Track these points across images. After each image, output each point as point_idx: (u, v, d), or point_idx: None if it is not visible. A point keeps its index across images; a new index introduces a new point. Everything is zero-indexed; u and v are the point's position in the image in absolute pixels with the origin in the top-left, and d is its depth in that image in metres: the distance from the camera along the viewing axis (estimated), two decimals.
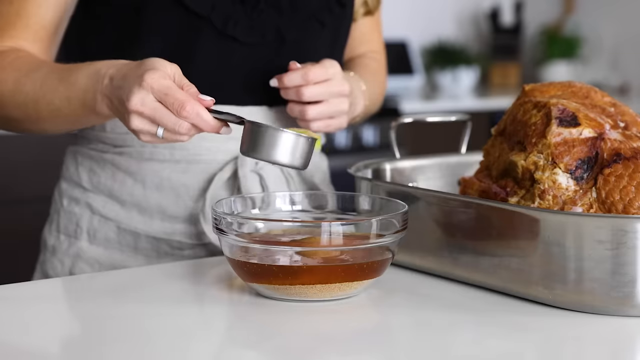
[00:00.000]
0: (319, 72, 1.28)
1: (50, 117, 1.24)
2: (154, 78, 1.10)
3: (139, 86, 1.10)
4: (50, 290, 1.19)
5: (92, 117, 1.22)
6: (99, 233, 1.38)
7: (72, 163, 1.41)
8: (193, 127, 1.11)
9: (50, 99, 1.23)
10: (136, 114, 1.11)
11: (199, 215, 1.34)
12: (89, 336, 1.01)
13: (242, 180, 1.34)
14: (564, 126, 1.14)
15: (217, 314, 1.10)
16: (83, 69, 1.20)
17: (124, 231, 1.37)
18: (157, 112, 1.10)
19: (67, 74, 1.22)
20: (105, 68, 1.17)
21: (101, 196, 1.38)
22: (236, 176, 1.35)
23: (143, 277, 1.22)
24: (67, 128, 1.29)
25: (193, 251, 1.37)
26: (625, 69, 4.39)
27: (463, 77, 4.13)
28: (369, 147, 3.46)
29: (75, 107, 1.21)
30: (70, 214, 1.40)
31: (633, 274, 1.02)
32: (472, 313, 1.08)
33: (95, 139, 1.39)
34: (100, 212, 1.38)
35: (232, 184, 1.36)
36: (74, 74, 1.21)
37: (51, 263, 1.40)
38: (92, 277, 1.27)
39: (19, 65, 1.26)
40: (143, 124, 1.11)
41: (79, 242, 1.38)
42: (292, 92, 1.29)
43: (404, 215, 1.11)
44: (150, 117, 1.10)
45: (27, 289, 1.17)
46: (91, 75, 1.18)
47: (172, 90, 1.10)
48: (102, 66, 1.18)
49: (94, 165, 1.39)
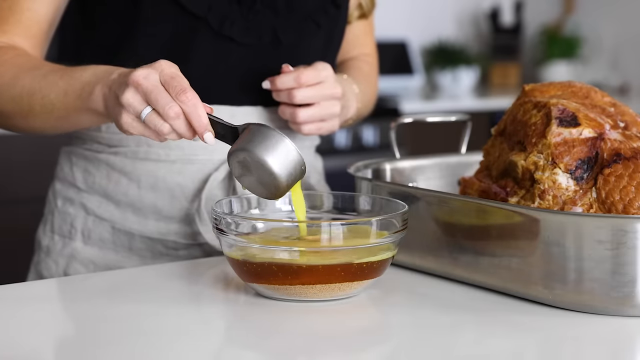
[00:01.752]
0: (311, 74, 1.28)
1: (42, 112, 1.24)
2: (169, 64, 1.11)
3: (151, 66, 1.10)
4: (44, 291, 1.19)
5: (82, 115, 1.21)
6: (93, 233, 1.37)
7: (67, 163, 1.41)
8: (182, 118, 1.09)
9: (47, 92, 1.22)
10: (133, 87, 1.09)
11: (195, 216, 1.34)
12: (85, 337, 1.01)
13: None
14: (564, 126, 1.14)
15: (216, 314, 1.10)
16: (93, 67, 1.20)
17: (119, 231, 1.37)
18: (155, 89, 1.08)
19: (72, 71, 1.22)
20: (120, 69, 1.17)
21: (96, 196, 1.37)
22: (231, 176, 1.35)
23: (140, 277, 1.22)
24: (55, 127, 1.27)
25: (188, 251, 1.37)
26: (625, 69, 4.39)
27: (463, 77, 4.13)
28: (369, 147, 3.46)
29: (69, 100, 1.20)
30: (65, 214, 1.39)
31: (633, 274, 1.02)
32: (472, 313, 1.08)
33: (90, 139, 1.38)
34: (94, 212, 1.37)
35: (228, 184, 1.36)
36: (79, 71, 1.21)
37: (45, 264, 1.40)
38: (89, 277, 1.26)
39: (20, 62, 1.26)
40: (135, 98, 1.09)
41: (73, 242, 1.38)
42: (283, 94, 1.29)
43: (403, 215, 1.11)
44: (146, 93, 1.08)
45: (21, 290, 1.17)
46: (100, 72, 1.18)
47: (180, 78, 1.10)
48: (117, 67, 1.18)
49: (88, 165, 1.38)
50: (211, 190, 1.34)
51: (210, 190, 1.34)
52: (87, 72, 1.20)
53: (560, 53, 4.42)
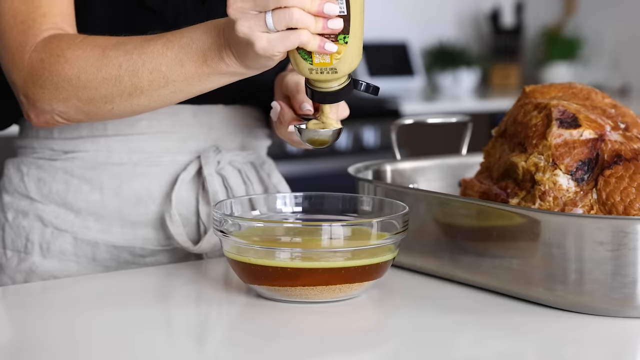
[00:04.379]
0: None
1: (152, 88, 1.15)
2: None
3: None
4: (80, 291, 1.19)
5: (210, 81, 1.14)
6: (52, 246, 1.31)
7: (16, 174, 1.34)
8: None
9: (155, 66, 1.14)
10: (238, 12, 1.03)
11: (166, 218, 1.30)
12: (82, 338, 1.01)
13: (209, 179, 1.31)
14: (564, 127, 1.14)
15: (217, 315, 1.10)
16: (190, 30, 1.13)
17: (81, 242, 1.31)
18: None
19: (170, 39, 1.14)
20: (209, 22, 1.12)
21: (52, 206, 1.31)
22: (199, 175, 1.32)
23: (140, 278, 1.22)
24: (166, 101, 1.18)
25: (155, 258, 1.33)
26: (625, 70, 4.39)
27: (464, 78, 4.13)
28: (369, 149, 3.46)
29: (188, 70, 1.13)
30: (18, 227, 1.32)
31: (634, 275, 1.02)
32: (473, 314, 1.08)
33: (41, 146, 1.33)
34: (53, 223, 1.31)
35: (196, 184, 1.33)
36: (177, 37, 1.13)
37: (0, 281, 1.33)
38: (92, 278, 1.26)
39: (98, 41, 1.17)
40: (249, 20, 1.03)
41: (30, 257, 1.31)
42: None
43: (404, 217, 1.11)
44: (253, 5, 1.02)
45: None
46: (202, 31, 1.12)
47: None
48: (205, 23, 1.12)
49: (42, 174, 1.32)
50: (180, 192, 1.31)
51: (179, 191, 1.31)
52: (188, 35, 1.12)
53: (561, 54, 4.42)
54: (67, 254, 1.31)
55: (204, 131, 1.34)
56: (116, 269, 1.31)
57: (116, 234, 1.31)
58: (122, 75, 1.15)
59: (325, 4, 1.02)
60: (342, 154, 3.35)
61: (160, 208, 1.32)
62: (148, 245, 1.32)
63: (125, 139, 1.31)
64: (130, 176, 1.31)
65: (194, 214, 1.33)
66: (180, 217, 1.31)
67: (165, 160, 1.32)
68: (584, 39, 4.50)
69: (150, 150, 1.31)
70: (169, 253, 1.33)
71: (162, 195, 1.32)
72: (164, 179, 1.32)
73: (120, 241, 1.31)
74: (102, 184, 1.31)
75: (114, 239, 1.31)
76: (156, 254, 1.33)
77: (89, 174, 1.31)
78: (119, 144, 1.31)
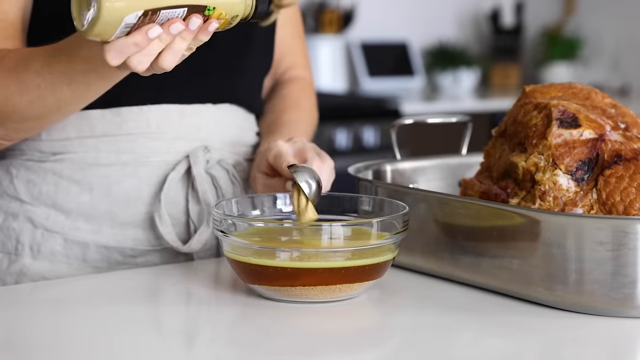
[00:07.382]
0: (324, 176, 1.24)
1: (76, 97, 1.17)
2: None
3: None
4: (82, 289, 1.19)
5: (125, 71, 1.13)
6: (43, 247, 1.31)
7: (5, 176, 1.33)
8: None
9: (70, 79, 1.15)
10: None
11: (155, 218, 1.30)
12: (71, 337, 1.01)
13: (198, 178, 1.31)
14: (564, 127, 1.14)
15: (217, 315, 1.10)
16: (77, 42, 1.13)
17: (71, 243, 1.31)
18: None
19: (73, 49, 1.14)
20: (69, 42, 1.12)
21: (42, 208, 1.31)
22: (189, 175, 1.32)
23: (139, 278, 1.22)
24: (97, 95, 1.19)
25: (146, 258, 1.33)
26: (625, 70, 4.39)
27: (464, 78, 4.13)
28: (369, 149, 3.46)
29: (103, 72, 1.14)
30: (9, 229, 1.32)
31: (634, 275, 1.02)
32: (473, 314, 1.08)
33: (30, 148, 1.32)
34: (43, 225, 1.31)
35: (186, 183, 1.33)
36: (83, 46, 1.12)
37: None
38: (82, 279, 1.26)
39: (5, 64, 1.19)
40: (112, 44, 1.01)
41: (21, 259, 1.31)
42: None
43: (404, 217, 1.11)
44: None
45: None
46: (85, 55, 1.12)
47: None
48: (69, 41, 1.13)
49: (32, 175, 1.32)
50: (169, 192, 1.31)
51: (168, 191, 1.31)
52: (87, 48, 1.12)
53: (561, 54, 4.42)
54: (57, 255, 1.31)
55: (193, 131, 1.34)
56: (107, 269, 1.31)
57: (106, 234, 1.31)
58: (44, 94, 1.17)
59: (189, 23, 1.02)
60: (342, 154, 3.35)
61: (149, 208, 1.31)
62: (138, 245, 1.32)
63: (113, 140, 1.30)
64: (119, 177, 1.31)
65: (184, 213, 1.33)
66: (169, 217, 1.31)
67: (154, 160, 1.32)
68: (584, 39, 4.50)
69: (139, 151, 1.31)
70: (159, 253, 1.33)
71: (151, 196, 1.31)
72: (153, 179, 1.32)
73: (110, 242, 1.31)
74: (91, 184, 1.31)
75: (104, 240, 1.31)
76: (147, 254, 1.33)
77: (78, 175, 1.31)
78: (107, 145, 1.30)
